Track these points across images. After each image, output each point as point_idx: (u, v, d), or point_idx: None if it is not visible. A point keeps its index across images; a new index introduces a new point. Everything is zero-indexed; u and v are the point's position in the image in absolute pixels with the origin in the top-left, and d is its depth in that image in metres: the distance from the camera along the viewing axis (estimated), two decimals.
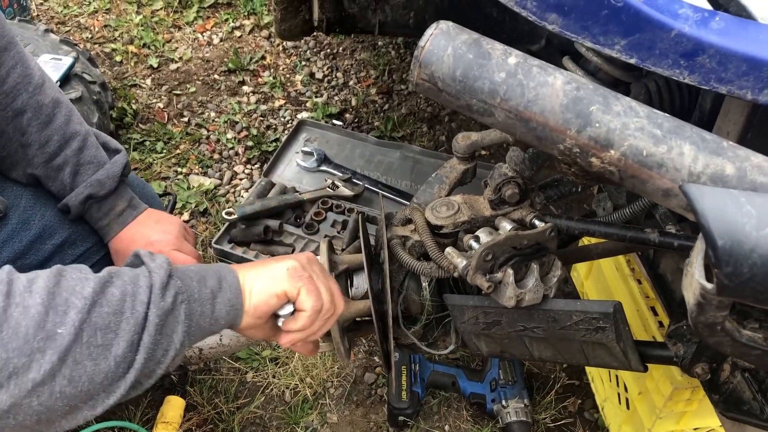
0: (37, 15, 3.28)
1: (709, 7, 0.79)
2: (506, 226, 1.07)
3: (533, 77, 0.72)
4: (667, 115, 0.69)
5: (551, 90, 0.71)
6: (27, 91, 1.32)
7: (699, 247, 0.59)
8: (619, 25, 0.74)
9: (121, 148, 1.46)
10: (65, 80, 2.31)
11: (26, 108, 1.32)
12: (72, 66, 2.34)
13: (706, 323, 0.66)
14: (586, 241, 1.61)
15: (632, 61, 0.77)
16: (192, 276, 0.99)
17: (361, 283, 1.27)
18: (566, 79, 0.72)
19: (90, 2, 3.38)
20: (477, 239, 1.07)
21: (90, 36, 3.19)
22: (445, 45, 0.73)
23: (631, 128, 0.68)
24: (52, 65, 2.29)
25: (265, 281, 1.05)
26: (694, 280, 0.59)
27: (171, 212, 1.60)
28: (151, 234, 1.42)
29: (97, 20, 3.28)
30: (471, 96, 0.74)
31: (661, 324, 1.57)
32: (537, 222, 1.08)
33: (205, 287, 0.99)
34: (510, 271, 1.03)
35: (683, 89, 1.20)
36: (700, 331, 0.70)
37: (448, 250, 1.10)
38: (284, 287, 1.05)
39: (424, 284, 1.23)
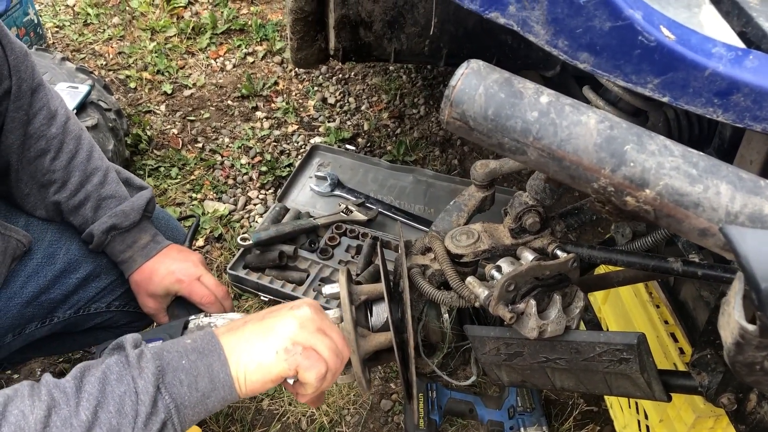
0: (53, 42, 3.33)
1: (742, 45, 0.78)
2: (528, 256, 1.07)
3: (566, 116, 0.72)
4: (702, 153, 0.69)
5: (584, 129, 0.71)
6: (50, 132, 1.34)
7: (737, 287, 0.58)
8: (652, 65, 0.74)
9: (146, 186, 1.48)
10: (81, 108, 2.34)
11: (50, 147, 1.34)
12: (88, 94, 2.37)
13: (745, 363, 0.65)
14: (604, 267, 1.60)
15: (665, 99, 0.77)
16: (183, 379, 0.94)
17: (380, 312, 1.27)
18: (599, 117, 0.72)
19: (104, 29, 3.43)
20: (499, 269, 1.06)
21: (104, 63, 3.23)
22: (476, 84, 0.74)
23: (667, 167, 0.68)
24: (68, 93, 2.32)
25: (258, 369, 1.00)
26: (733, 320, 0.59)
27: (195, 233, 1.60)
28: (173, 265, 1.42)
29: (112, 47, 3.32)
30: (503, 135, 0.74)
31: (681, 351, 1.56)
32: (559, 252, 1.08)
33: (196, 391, 0.95)
34: (533, 302, 1.02)
35: (702, 118, 1.20)
36: (738, 370, 0.69)
37: (470, 279, 1.09)
38: (278, 371, 1.00)
39: (444, 314, 1.22)
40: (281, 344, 1.01)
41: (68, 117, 1.40)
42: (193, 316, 1.31)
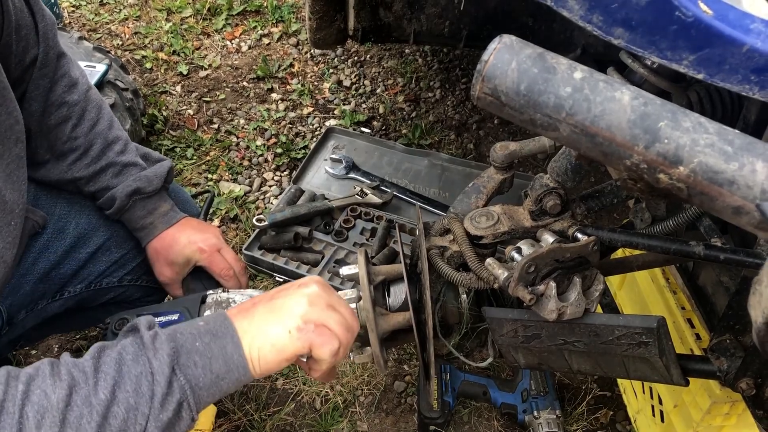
0: (69, 22, 3.33)
1: None
2: (548, 238, 1.07)
3: (600, 92, 0.71)
4: (737, 131, 0.69)
5: (618, 105, 0.70)
6: (72, 98, 1.34)
7: None
8: (688, 40, 0.73)
9: (165, 158, 1.48)
10: (98, 87, 2.34)
11: (71, 114, 1.34)
12: (105, 73, 2.37)
13: None
14: (622, 252, 1.59)
15: (700, 76, 0.76)
16: (197, 361, 0.95)
17: (398, 293, 1.27)
18: (633, 94, 0.72)
19: (121, 9, 3.43)
20: (519, 251, 1.06)
21: (121, 43, 3.23)
22: (509, 59, 0.73)
23: (701, 144, 0.67)
24: (86, 73, 2.32)
25: (272, 349, 1.00)
26: (765, 299, 0.58)
27: (209, 209, 1.61)
28: (194, 235, 1.42)
29: (128, 27, 3.33)
30: (535, 110, 0.73)
31: (698, 336, 1.55)
32: (579, 235, 1.07)
33: (211, 372, 0.96)
34: (553, 284, 1.02)
35: (726, 99, 1.19)
36: (767, 350, 0.69)
37: (489, 261, 1.09)
38: (293, 350, 1.01)
39: (462, 295, 1.22)
40: (293, 323, 1.01)
41: (89, 86, 1.40)
42: (210, 291, 1.31)
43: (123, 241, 1.48)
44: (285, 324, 1.01)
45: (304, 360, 1.08)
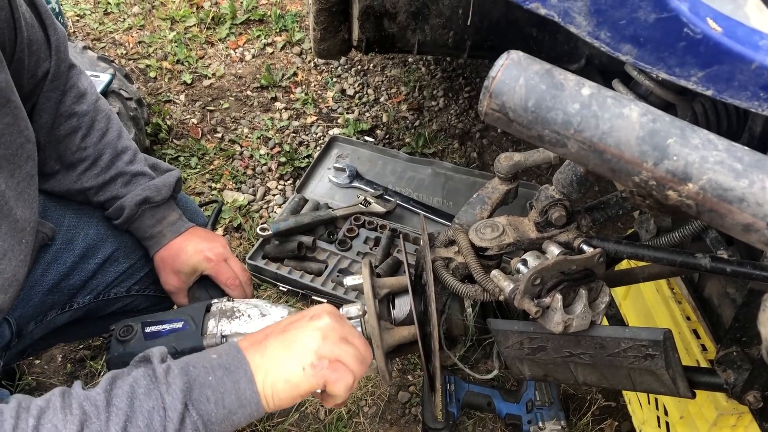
0: (74, 31, 3.34)
1: None
2: (554, 250, 1.06)
3: (608, 108, 0.71)
4: (747, 148, 0.68)
5: (627, 122, 0.70)
6: (82, 109, 1.35)
7: None
8: (696, 57, 0.73)
9: (173, 168, 1.48)
10: (103, 96, 2.34)
11: (81, 125, 1.35)
12: (110, 83, 2.38)
13: None
14: (628, 263, 1.59)
15: (709, 92, 0.76)
16: (210, 396, 0.94)
17: (403, 305, 1.27)
18: (642, 110, 0.71)
19: (125, 19, 3.44)
20: (525, 263, 1.06)
21: (125, 52, 3.24)
22: (516, 75, 0.73)
23: (711, 162, 0.67)
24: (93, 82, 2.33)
25: (286, 386, 0.99)
26: None
27: (216, 219, 1.61)
28: (201, 244, 1.42)
29: (132, 37, 3.34)
30: (543, 127, 0.73)
31: (704, 347, 1.54)
32: (585, 247, 1.07)
33: (223, 408, 0.95)
34: (559, 296, 1.02)
35: (731, 112, 1.19)
36: None
37: (495, 273, 1.09)
38: (307, 387, 1.00)
39: (467, 308, 1.22)
40: (307, 359, 1.00)
41: (98, 96, 1.41)
42: (215, 300, 1.31)
43: (131, 252, 1.48)
44: (299, 360, 1.00)
45: (318, 392, 1.07)
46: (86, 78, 1.40)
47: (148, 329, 1.27)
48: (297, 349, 1.01)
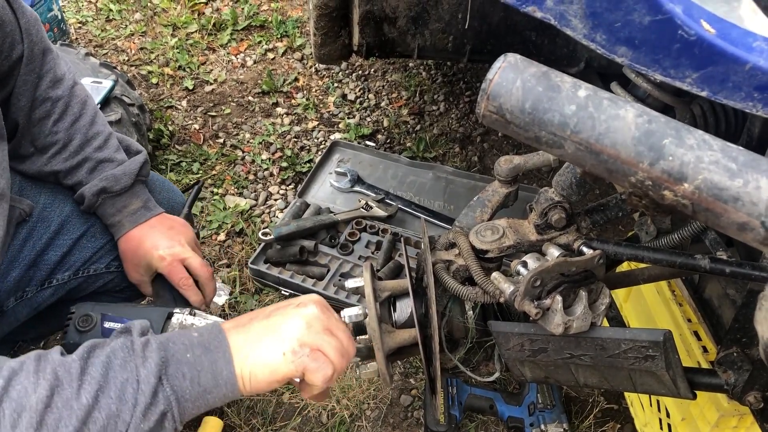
0: (76, 38, 3.36)
1: None
2: (554, 252, 1.07)
3: (604, 110, 0.72)
4: (741, 148, 0.69)
5: (623, 123, 0.71)
6: (56, 94, 1.37)
7: None
8: (691, 59, 0.74)
9: (141, 149, 1.48)
10: (105, 103, 2.36)
11: (54, 110, 1.37)
12: (112, 89, 2.39)
13: None
14: (628, 265, 1.59)
15: (703, 93, 0.76)
16: (185, 373, 0.94)
17: (404, 307, 1.27)
18: (638, 111, 0.72)
19: (127, 25, 3.46)
20: (525, 265, 1.06)
21: (127, 58, 3.26)
22: (513, 77, 0.74)
23: (706, 161, 0.68)
24: (92, 88, 2.34)
25: (265, 369, 0.99)
26: None
27: (196, 198, 1.60)
28: (160, 240, 1.42)
29: (134, 43, 3.35)
30: (540, 128, 0.74)
31: (704, 349, 1.55)
32: (585, 248, 1.08)
33: (198, 386, 0.95)
34: (559, 298, 1.02)
35: (729, 114, 1.19)
36: None
37: (495, 275, 1.09)
38: (285, 373, 1.00)
39: (468, 311, 1.22)
40: (288, 345, 1.00)
41: (75, 82, 1.42)
42: (177, 310, 1.31)
43: (105, 230, 1.49)
44: (280, 345, 1.00)
45: (297, 380, 1.07)
46: (65, 64, 1.42)
47: (106, 324, 1.26)
48: (279, 334, 1.01)
